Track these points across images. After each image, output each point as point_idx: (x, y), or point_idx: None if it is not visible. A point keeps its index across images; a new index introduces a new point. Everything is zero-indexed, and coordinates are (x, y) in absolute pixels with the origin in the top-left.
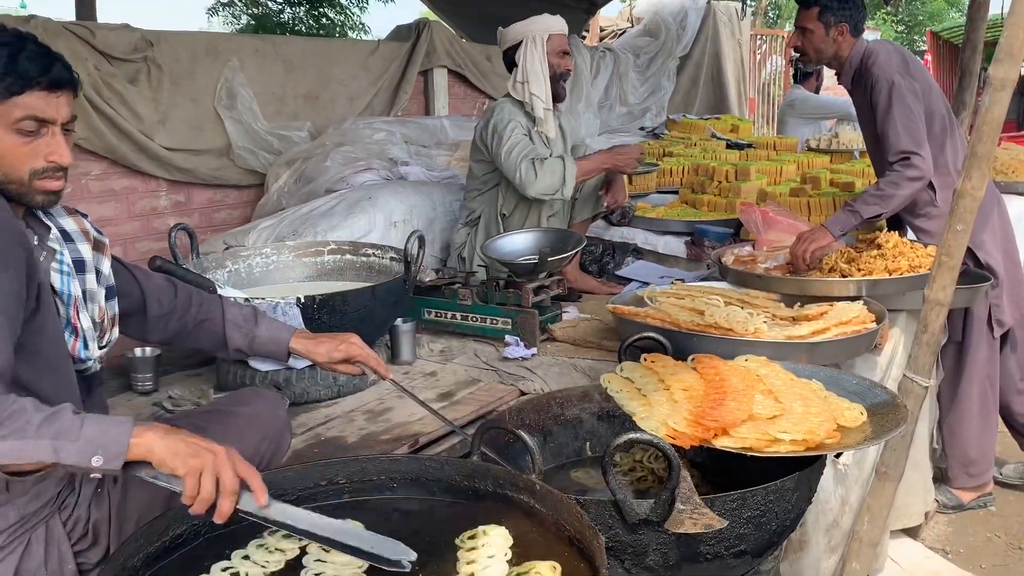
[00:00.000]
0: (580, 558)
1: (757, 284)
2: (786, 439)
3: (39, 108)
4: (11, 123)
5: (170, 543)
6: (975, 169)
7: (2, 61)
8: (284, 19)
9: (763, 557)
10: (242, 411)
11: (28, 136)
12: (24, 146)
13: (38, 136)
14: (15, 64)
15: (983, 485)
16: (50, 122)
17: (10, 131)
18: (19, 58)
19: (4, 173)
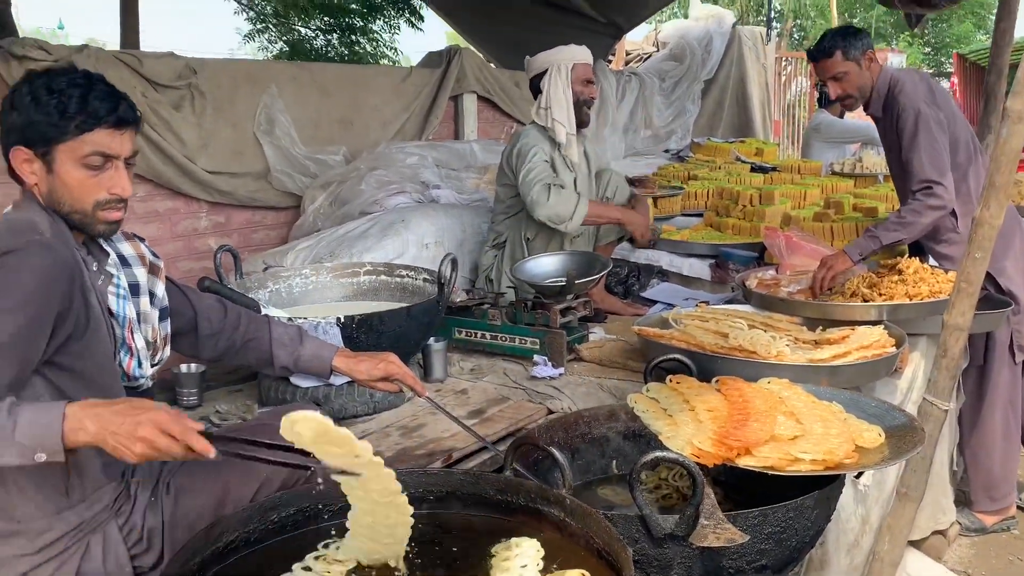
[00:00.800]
0: (608, 569)
1: (780, 308)
2: (806, 459)
3: (106, 144)
4: (80, 158)
5: (223, 549)
6: (993, 198)
7: (75, 101)
8: (318, 45)
9: (783, 573)
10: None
11: (94, 170)
12: (90, 179)
13: (103, 170)
14: (86, 104)
15: (1006, 508)
16: (115, 157)
17: (78, 165)
18: (89, 98)
19: (70, 204)
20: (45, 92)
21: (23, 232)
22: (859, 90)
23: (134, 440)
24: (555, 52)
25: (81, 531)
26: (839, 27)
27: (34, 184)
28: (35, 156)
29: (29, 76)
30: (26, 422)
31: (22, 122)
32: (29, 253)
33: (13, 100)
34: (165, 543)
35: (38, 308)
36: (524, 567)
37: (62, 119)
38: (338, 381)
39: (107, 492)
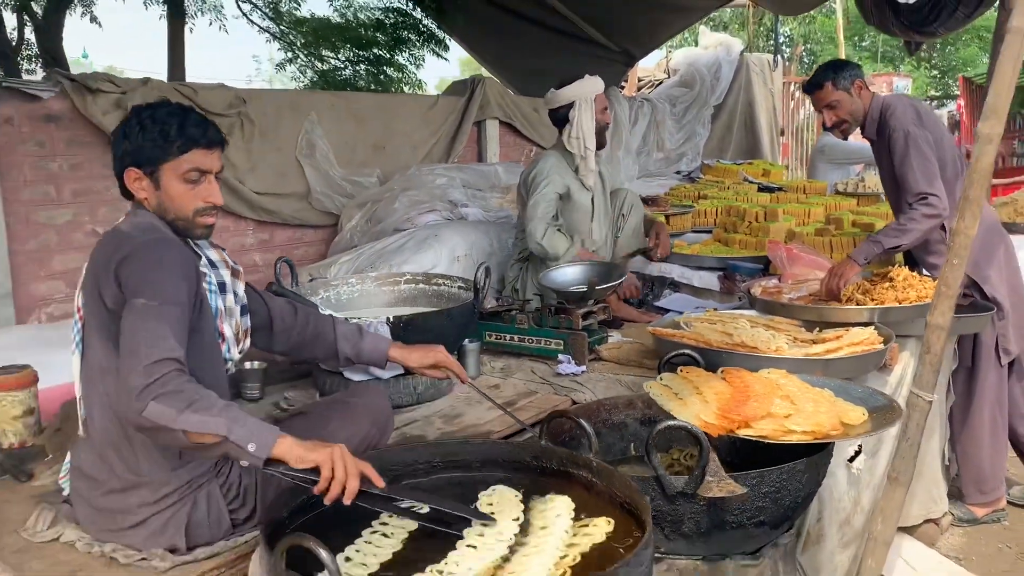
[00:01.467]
0: (630, 517)
1: (781, 311)
2: (797, 430)
3: (200, 162)
4: (181, 174)
5: (306, 503)
6: (968, 211)
7: (174, 128)
8: (347, 75)
9: (779, 530)
10: (357, 401)
11: (192, 184)
12: (189, 191)
13: (199, 183)
14: (184, 130)
15: (996, 501)
16: (208, 172)
17: (180, 180)
18: (186, 125)
19: (174, 212)
20: (150, 122)
21: (152, 230)
22: (851, 115)
23: (321, 457)
24: (579, 85)
25: (190, 487)
26: (829, 61)
27: (144, 198)
28: (144, 175)
29: (135, 110)
30: (253, 421)
31: (133, 148)
32: (167, 246)
33: (124, 131)
34: (257, 499)
35: (186, 299)
36: (558, 516)
37: (165, 143)
38: (386, 375)
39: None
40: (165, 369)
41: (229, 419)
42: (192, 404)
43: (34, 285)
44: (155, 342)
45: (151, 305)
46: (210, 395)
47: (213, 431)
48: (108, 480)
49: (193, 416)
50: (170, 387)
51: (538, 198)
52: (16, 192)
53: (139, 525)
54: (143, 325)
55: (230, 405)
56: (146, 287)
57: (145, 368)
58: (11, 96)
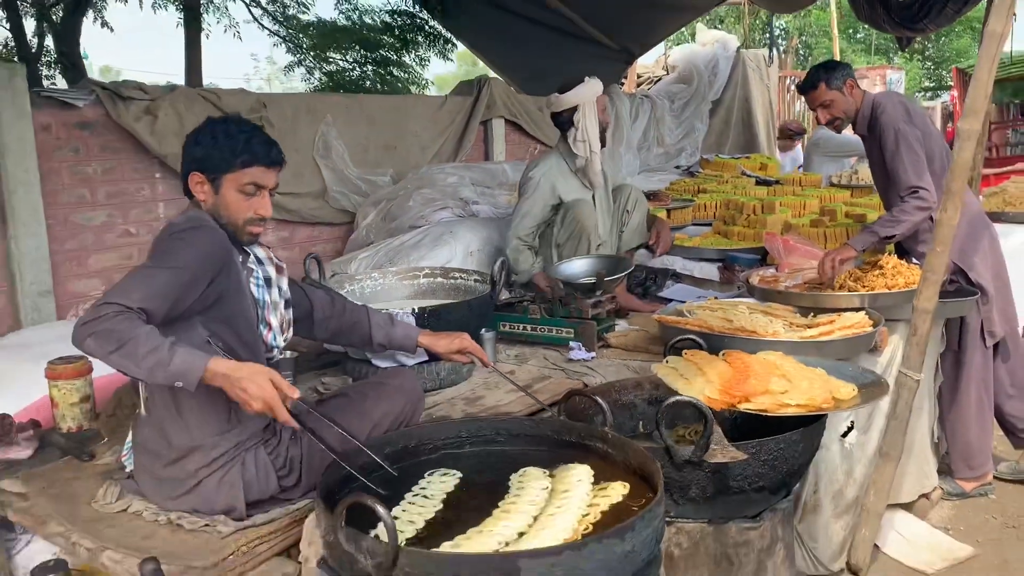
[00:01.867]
0: (642, 481)
1: (778, 298)
2: (793, 404)
3: (259, 177)
4: (240, 185)
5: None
6: (950, 202)
7: (242, 143)
8: (354, 76)
9: (777, 495)
10: (391, 382)
11: (247, 196)
12: (243, 202)
13: (253, 196)
14: (250, 146)
15: (983, 475)
16: (264, 187)
17: (237, 190)
18: (252, 143)
19: (226, 218)
20: (222, 134)
21: (198, 220)
22: (844, 113)
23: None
24: (582, 89)
25: (239, 449)
26: (822, 62)
27: (202, 200)
28: (206, 180)
29: (209, 121)
30: (179, 359)
31: (202, 154)
32: (200, 231)
33: (197, 138)
34: (303, 469)
35: (194, 272)
36: (579, 481)
37: (231, 155)
38: (410, 362)
39: (256, 422)
40: (108, 310)
41: (152, 364)
42: (121, 346)
43: (72, 283)
44: (120, 291)
45: (147, 266)
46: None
47: (136, 375)
48: (168, 452)
49: (118, 359)
50: (105, 325)
51: (526, 210)
52: (55, 195)
53: (197, 487)
54: (127, 278)
55: (158, 346)
56: (156, 256)
57: (95, 307)
58: (48, 105)
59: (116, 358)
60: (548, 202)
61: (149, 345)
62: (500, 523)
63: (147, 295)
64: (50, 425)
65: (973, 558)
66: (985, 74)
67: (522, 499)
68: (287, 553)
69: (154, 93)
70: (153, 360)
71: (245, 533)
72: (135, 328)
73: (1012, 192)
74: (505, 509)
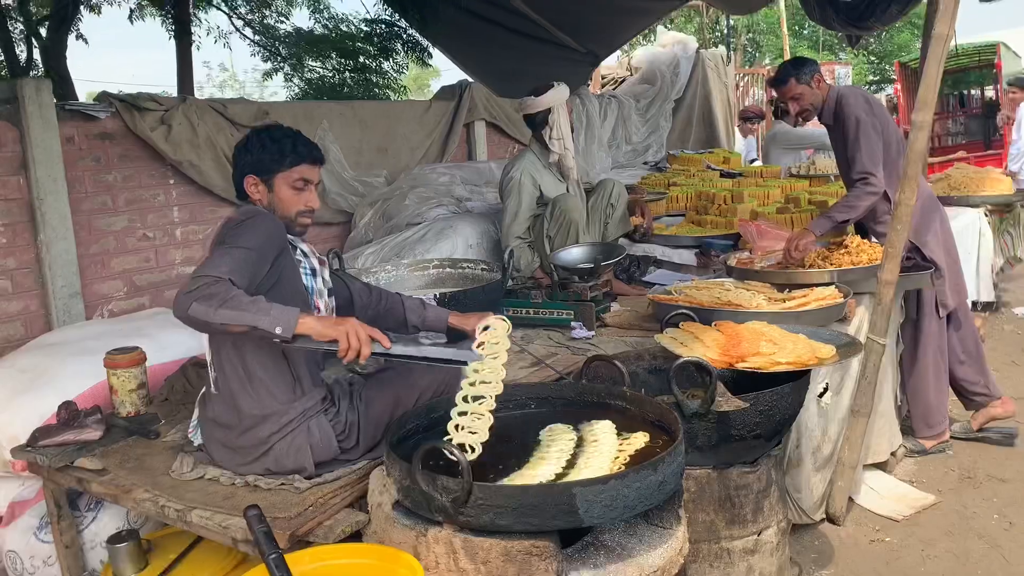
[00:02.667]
0: (662, 432)
1: (756, 277)
2: (783, 361)
3: (306, 173)
4: (290, 182)
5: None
6: (907, 185)
7: (289, 146)
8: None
9: (772, 442)
10: None
11: (298, 191)
12: (295, 196)
13: (303, 191)
14: (295, 147)
15: (941, 434)
16: (310, 182)
17: (289, 187)
18: (297, 144)
19: (281, 212)
20: (269, 140)
21: (254, 210)
22: (812, 105)
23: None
24: (555, 92)
25: (305, 416)
26: (792, 59)
27: (258, 200)
28: (260, 181)
29: (255, 131)
30: (277, 308)
31: (254, 159)
32: (260, 217)
33: (247, 145)
34: (360, 433)
35: (262, 251)
36: (605, 432)
37: (281, 157)
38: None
39: (317, 392)
40: (204, 280)
41: (255, 311)
42: (225, 303)
43: (97, 285)
44: (210, 266)
45: (224, 247)
46: (241, 294)
47: (242, 323)
48: (241, 423)
49: (226, 312)
50: (207, 291)
51: (514, 210)
52: (80, 203)
53: (270, 451)
54: (210, 258)
55: (257, 299)
56: (229, 238)
57: (193, 279)
58: (71, 117)
59: (224, 311)
60: (533, 195)
61: (249, 297)
62: (539, 468)
63: (231, 268)
64: (108, 411)
65: (936, 505)
66: (934, 72)
67: (553, 448)
68: (355, 506)
69: (167, 104)
70: (255, 308)
71: (320, 488)
72: (232, 289)
73: (956, 178)
74: (541, 456)
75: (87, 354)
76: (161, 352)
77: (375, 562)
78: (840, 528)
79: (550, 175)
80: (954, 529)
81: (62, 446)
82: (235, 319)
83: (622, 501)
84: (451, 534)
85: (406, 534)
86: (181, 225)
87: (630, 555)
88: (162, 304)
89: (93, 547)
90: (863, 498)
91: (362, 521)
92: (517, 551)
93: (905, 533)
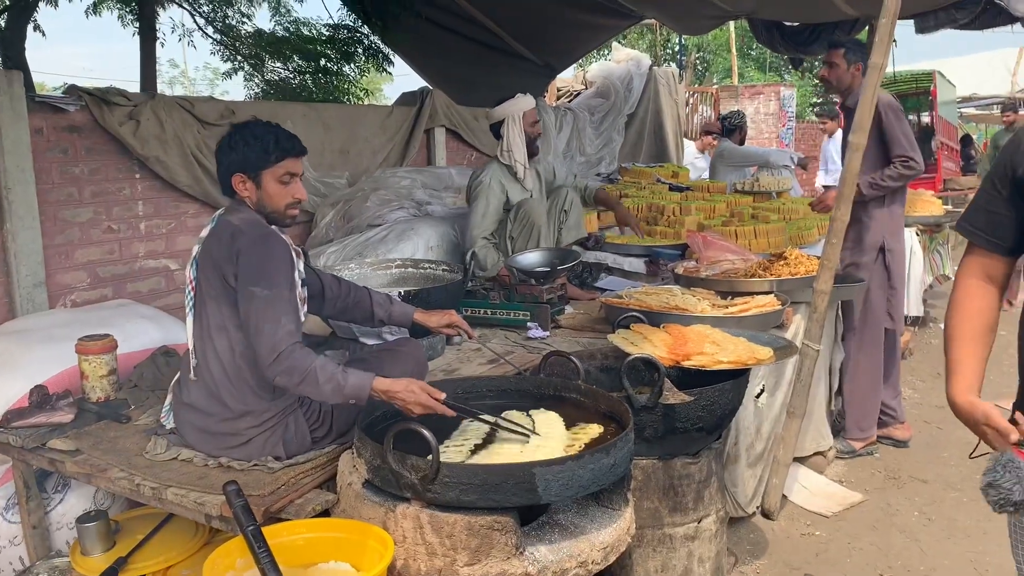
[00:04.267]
0: (613, 423)
1: (701, 285)
2: (725, 360)
3: (291, 167)
4: (278, 177)
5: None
6: (843, 203)
7: (272, 141)
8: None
9: (712, 436)
10: (403, 349)
11: (284, 184)
12: (283, 190)
13: (289, 184)
14: (279, 143)
15: (869, 437)
16: (295, 175)
17: (276, 182)
18: (280, 140)
19: (271, 207)
20: (252, 138)
21: (258, 225)
22: (838, 81)
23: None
24: (509, 104)
25: (284, 412)
26: (855, 40)
27: (247, 196)
28: (248, 178)
29: (236, 128)
30: (351, 383)
31: (239, 158)
32: (275, 241)
33: (231, 143)
34: (334, 421)
35: (290, 279)
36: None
37: (266, 154)
38: (391, 339)
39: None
40: (283, 348)
41: (332, 390)
42: (304, 380)
43: (61, 275)
44: (275, 328)
45: (266, 294)
46: (317, 370)
47: (315, 398)
48: (221, 411)
49: (304, 388)
50: (287, 364)
51: (482, 212)
52: (46, 194)
53: (247, 443)
54: (263, 311)
55: (333, 376)
56: (261, 278)
57: (270, 348)
58: (40, 109)
59: (303, 388)
60: (500, 199)
61: (326, 374)
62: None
63: (291, 319)
64: (78, 396)
65: (862, 503)
66: (869, 99)
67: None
68: (324, 487)
69: (136, 100)
70: (331, 387)
71: (292, 468)
72: (308, 360)
73: None
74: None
75: (54, 341)
76: (125, 342)
77: (348, 535)
78: (773, 523)
79: (516, 184)
80: (878, 524)
81: (34, 427)
82: (312, 394)
83: (577, 481)
84: (418, 510)
85: (375, 510)
86: (146, 219)
87: (582, 533)
88: (124, 296)
89: (59, 528)
90: (796, 495)
91: (331, 500)
92: (480, 526)
93: (833, 528)
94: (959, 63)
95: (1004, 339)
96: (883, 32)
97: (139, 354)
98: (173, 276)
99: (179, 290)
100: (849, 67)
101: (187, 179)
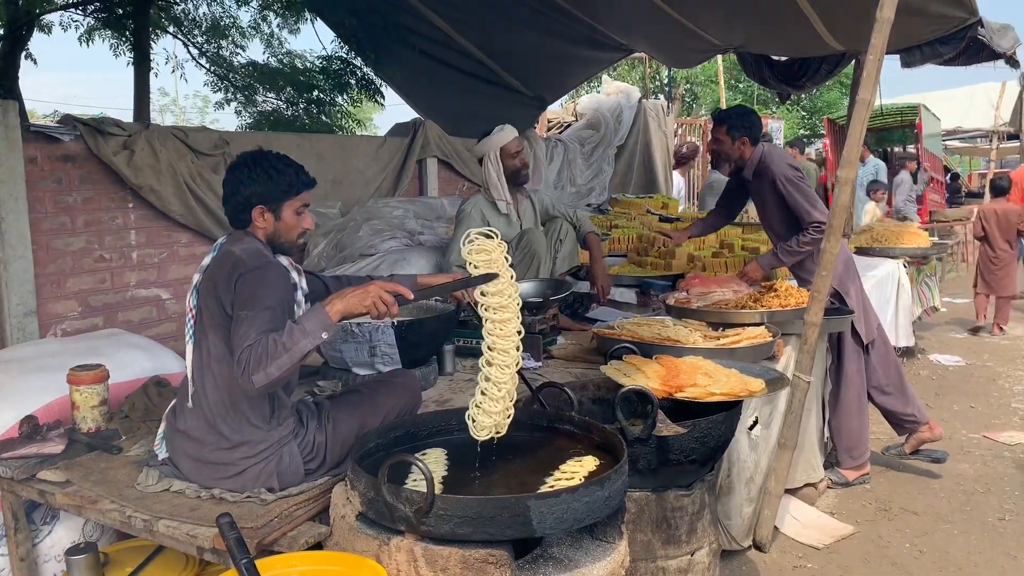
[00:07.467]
0: (607, 454)
1: (693, 315)
2: (717, 392)
3: (307, 198)
4: (295, 209)
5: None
6: (832, 235)
7: (292, 175)
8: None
9: (706, 468)
10: (397, 380)
11: (299, 215)
12: (297, 221)
13: (302, 214)
14: (299, 176)
15: (862, 466)
16: (307, 205)
17: (293, 213)
18: (300, 173)
19: (286, 237)
20: (273, 171)
21: (259, 255)
22: (725, 155)
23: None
24: (485, 143)
25: (279, 444)
26: (738, 109)
27: (263, 227)
28: (267, 210)
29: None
30: (307, 321)
31: (262, 190)
32: (273, 267)
33: (251, 176)
34: (327, 452)
35: (282, 303)
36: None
37: (288, 187)
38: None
39: (290, 421)
40: (246, 351)
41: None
42: (272, 357)
43: (52, 304)
44: (243, 340)
45: (248, 315)
46: (275, 341)
47: (297, 359)
48: (217, 441)
49: (279, 362)
50: (247, 364)
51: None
52: (39, 223)
53: (241, 473)
54: (240, 330)
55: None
56: (249, 302)
57: (237, 360)
58: (35, 138)
59: (277, 363)
60: (484, 222)
61: (284, 337)
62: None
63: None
64: (68, 426)
65: (854, 535)
66: (857, 133)
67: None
68: (317, 519)
69: (130, 129)
70: (294, 340)
71: (285, 500)
72: (260, 342)
73: (877, 231)
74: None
75: (44, 371)
76: (117, 372)
77: (342, 568)
78: (765, 555)
79: (503, 218)
80: (870, 557)
81: (24, 458)
82: (289, 362)
83: (572, 514)
84: (412, 543)
85: (369, 543)
86: (138, 248)
87: (576, 566)
88: (116, 325)
89: (47, 560)
90: (787, 527)
91: (324, 533)
92: (474, 559)
93: (825, 560)
94: (943, 96)
95: (992, 370)
96: (870, 68)
97: (130, 384)
98: (165, 305)
99: (171, 319)
100: (735, 142)
101: (180, 208)
